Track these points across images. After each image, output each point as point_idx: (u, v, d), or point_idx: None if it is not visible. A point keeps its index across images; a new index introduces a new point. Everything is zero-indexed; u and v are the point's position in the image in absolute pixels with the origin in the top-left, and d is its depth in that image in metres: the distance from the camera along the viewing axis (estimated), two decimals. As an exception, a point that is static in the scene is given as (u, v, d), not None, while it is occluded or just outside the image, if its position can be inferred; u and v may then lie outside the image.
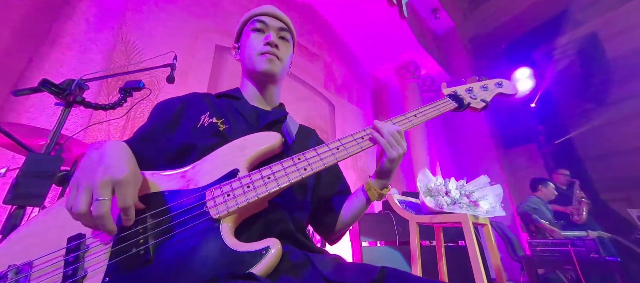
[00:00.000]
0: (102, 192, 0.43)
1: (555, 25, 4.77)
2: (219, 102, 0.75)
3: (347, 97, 4.75)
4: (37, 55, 1.96)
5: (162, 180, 0.54)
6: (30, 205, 0.82)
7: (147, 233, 0.47)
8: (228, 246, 0.45)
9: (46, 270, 0.44)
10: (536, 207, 3.03)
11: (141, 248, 0.45)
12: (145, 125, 0.70)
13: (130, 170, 0.47)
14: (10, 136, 0.92)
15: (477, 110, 0.81)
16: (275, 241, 0.47)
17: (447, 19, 5.37)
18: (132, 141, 0.64)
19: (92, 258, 0.45)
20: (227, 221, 0.49)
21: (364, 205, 0.71)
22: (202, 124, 0.66)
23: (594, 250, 2.17)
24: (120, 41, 2.35)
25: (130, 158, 0.51)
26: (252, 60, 0.75)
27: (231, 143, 0.60)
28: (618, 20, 4.21)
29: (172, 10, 2.82)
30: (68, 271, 0.44)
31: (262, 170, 0.56)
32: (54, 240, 0.47)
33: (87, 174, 0.45)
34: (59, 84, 0.93)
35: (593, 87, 4.29)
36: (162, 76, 2.33)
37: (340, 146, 0.63)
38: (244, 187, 0.53)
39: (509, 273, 3.56)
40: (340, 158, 0.61)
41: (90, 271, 0.44)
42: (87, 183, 0.44)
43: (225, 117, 0.69)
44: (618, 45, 4.16)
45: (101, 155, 0.48)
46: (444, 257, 1.72)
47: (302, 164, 0.58)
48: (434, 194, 1.58)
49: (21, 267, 0.44)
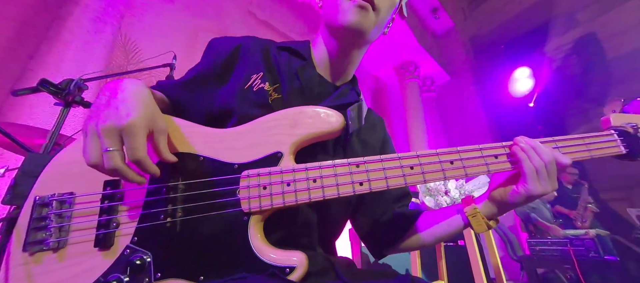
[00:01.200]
0: (107, 141, 0.37)
1: (555, 25, 4.78)
2: (280, 58, 0.61)
3: (346, 97, 4.75)
4: (36, 55, 1.95)
5: (199, 137, 0.49)
6: (29, 205, 0.82)
7: (177, 204, 0.44)
8: (253, 248, 0.43)
9: (85, 212, 0.45)
10: (535, 206, 3.03)
11: (168, 221, 0.43)
12: (197, 67, 0.60)
13: (139, 113, 0.39)
14: (9, 136, 0.92)
15: None
16: (302, 258, 0.42)
17: (447, 18, 5.37)
18: (175, 85, 0.58)
19: (125, 212, 0.45)
20: (256, 217, 0.45)
21: (456, 231, 0.56)
22: (251, 87, 0.55)
23: (593, 249, 2.17)
24: (120, 41, 2.35)
25: (144, 100, 0.42)
26: (336, 10, 0.56)
27: (282, 112, 0.50)
28: (618, 20, 4.21)
29: (171, 10, 2.82)
30: (102, 219, 0.44)
31: (309, 168, 0.46)
32: (93, 177, 0.45)
33: (93, 118, 0.39)
34: (58, 83, 0.93)
35: (593, 87, 4.29)
36: (161, 76, 2.33)
37: (416, 165, 0.47)
38: (283, 184, 0.45)
39: (508, 273, 3.57)
40: (411, 183, 0.46)
41: (123, 225, 0.44)
42: (93, 131, 0.39)
43: (281, 81, 0.57)
44: (618, 45, 4.16)
45: (110, 96, 0.41)
46: (443, 256, 1.72)
47: (360, 177, 0.45)
48: (434, 194, 1.58)
49: (65, 198, 0.45)
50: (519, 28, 5.24)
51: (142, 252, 0.42)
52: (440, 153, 0.48)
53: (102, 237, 0.43)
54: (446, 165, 0.47)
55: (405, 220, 0.61)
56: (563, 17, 4.75)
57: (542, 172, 0.45)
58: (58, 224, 0.44)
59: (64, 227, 0.44)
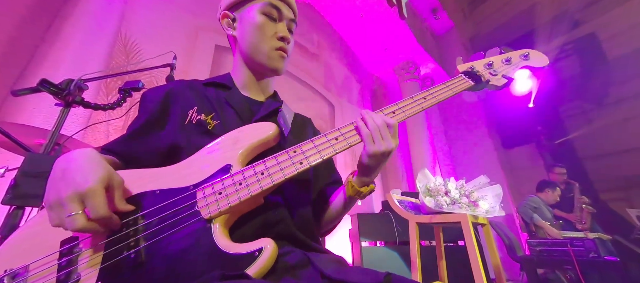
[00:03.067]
0: (70, 207, 0.41)
1: (555, 25, 4.78)
2: (208, 92, 0.68)
3: (346, 97, 4.75)
4: (36, 55, 1.95)
5: (150, 178, 0.52)
6: (29, 205, 0.82)
7: (138, 235, 0.45)
8: (220, 248, 0.44)
9: (41, 274, 0.44)
10: (537, 206, 3.03)
11: (132, 252, 0.44)
12: (135, 121, 0.65)
13: (96, 179, 0.43)
14: (9, 136, 0.92)
15: (497, 87, 0.72)
16: (269, 241, 0.45)
17: (447, 19, 5.37)
18: (120, 141, 0.62)
19: (85, 262, 0.45)
20: (219, 221, 0.47)
21: (343, 202, 0.65)
22: (190, 121, 0.61)
23: (593, 250, 2.17)
24: (120, 41, 2.35)
25: (98, 165, 0.46)
26: (262, 53, 0.68)
27: (223, 137, 0.56)
28: (618, 20, 4.21)
29: (171, 10, 2.82)
30: (61, 275, 0.43)
31: (256, 165, 0.52)
32: (50, 243, 0.46)
33: (53, 192, 0.43)
34: (58, 84, 0.93)
35: (593, 87, 4.29)
36: (161, 76, 2.33)
37: (339, 136, 0.58)
38: (236, 184, 0.50)
39: (508, 273, 3.56)
40: (340, 149, 0.56)
41: (84, 275, 0.44)
42: (56, 203, 0.42)
43: (214, 111, 0.64)
44: (618, 45, 4.16)
45: (64, 169, 0.45)
46: (443, 257, 1.72)
47: (298, 158, 0.54)
48: (434, 194, 1.58)
49: (17, 271, 0.44)
50: (518, 28, 5.25)
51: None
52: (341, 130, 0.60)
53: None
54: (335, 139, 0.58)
55: (326, 195, 0.71)
56: (563, 17, 4.75)
57: (376, 133, 0.56)
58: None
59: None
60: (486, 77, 0.71)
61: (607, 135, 4.10)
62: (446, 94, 0.66)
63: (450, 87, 0.68)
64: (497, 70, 0.72)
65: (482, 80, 0.70)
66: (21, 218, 0.81)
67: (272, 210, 0.55)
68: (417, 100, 0.64)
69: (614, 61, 4.19)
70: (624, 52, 4.09)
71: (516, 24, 5.29)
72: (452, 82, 0.69)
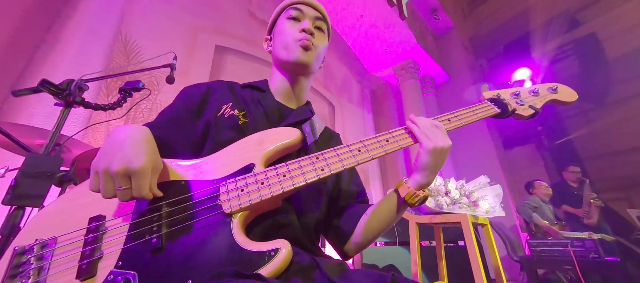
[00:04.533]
0: (121, 181, 0.44)
1: (555, 25, 4.78)
2: (244, 93, 0.73)
3: (347, 97, 4.75)
4: (37, 55, 1.95)
5: (180, 169, 0.55)
6: (29, 205, 0.82)
7: (161, 221, 0.47)
8: (237, 243, 0.45)
9: (68, 247, 0.47)
10: (537, 206, 3.03)
11: (154, 236, 0.46)
12: (172, 108, 0.68)
13: (148, 160, 0.47)
14: (10, 136, 0.92)
15: (524, 117, 0.71)
16: (285, 243, 0.46)
17: (447, 19, 5.37)
18: (158, 125, 0.64)
19: (109, 241, 0.47)
20: (238, 217, 0.49)
21: (395, 207, 0.62)
22: (222, 114, 0.65)
23: (593, 250, 2.17)
24: (120, 41, 2.35)
25: (150, 146, 0.50)
26: (286, 49, 0.71)
27: (249, 136, 0.59)
28: (618, 20, 4.21)
29: (171, 10, 2.82)
30: (86, 250, 0.46)
31: (278, 167, 0.54)
32: (78, 220, 0.49)
33: (106, 160, 0.45)
34: (59, 84, 0.93)
35: (593, 87, 4.28)
36: (161, 76, 2.33)
37: (361, 147, 0.58)
38: (258, 183, 0.51)
39: (508, 273, 3.56)
40: (362, 160, 0.56)
41: (106, 253, 0.46)
42: (106, 170, 0.45)
43: (247, 108, 0.68)
44: (618, 45, 4.16)
45: (121, 141, 0.48)
46: (443, 257, 1.72)
47: (320, 164, 0.55)
48: (434, 194, 1.58)
49: (47, 242, 0.48)
50: (519, 28, 5.25)
51: (126, 274, 0.43)
52: (378, 136, 0.61)
53: (85, 267, 0.44)
54: (357, 150, 0.58)
55: (358, 210, 0.70)
56: (563, 17, 4.75)
57: (428, 131, 0.59)
58: (38, 265, 0.45)
59: (43, 266, 0.45)
60: (513, 106, 0.70)
61: (607, 135, 4.10)
62: (471, 119, 0.67)
63: (475, 112, 0.69)
64: (524, 100, 0.72)
65: (508, 108, 0.69)
66: (21, 218, 0.81)
67: (281, 214, 0.57)
68: (441, 120, 0.65)
69: (614, 61, 4.19)
70: (624, 52, 4.09)
71: (516, 24, 5.29)
72: (478, 108, 0.70)
